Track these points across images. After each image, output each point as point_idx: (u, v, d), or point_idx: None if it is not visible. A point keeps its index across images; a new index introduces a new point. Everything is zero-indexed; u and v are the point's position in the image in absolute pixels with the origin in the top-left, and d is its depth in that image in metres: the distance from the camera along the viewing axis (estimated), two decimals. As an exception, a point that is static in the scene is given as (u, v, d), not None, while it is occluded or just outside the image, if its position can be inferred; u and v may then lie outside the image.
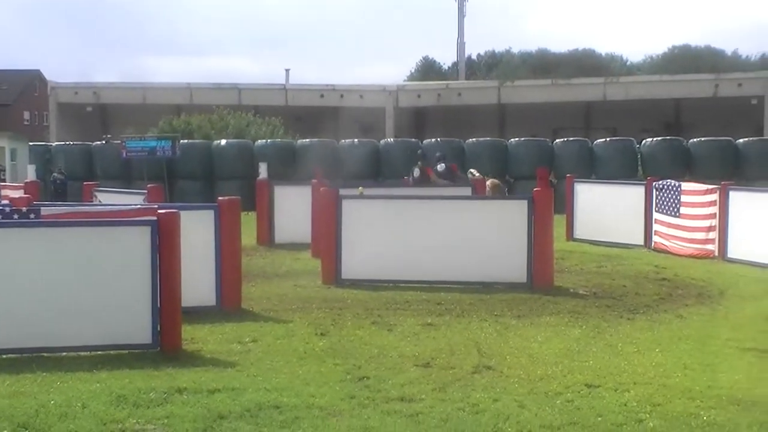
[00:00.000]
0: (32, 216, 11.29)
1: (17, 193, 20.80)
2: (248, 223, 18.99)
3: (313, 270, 16.89)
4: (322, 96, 55.39)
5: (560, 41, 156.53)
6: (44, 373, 9.12)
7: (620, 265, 18.45)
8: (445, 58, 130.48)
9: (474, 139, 37.37)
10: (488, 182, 24.19)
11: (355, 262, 15.55)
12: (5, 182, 31.73)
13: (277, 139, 41.18)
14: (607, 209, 22.47)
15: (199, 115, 47.01)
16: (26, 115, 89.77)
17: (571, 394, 8.48)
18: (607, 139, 37.46)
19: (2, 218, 11.14)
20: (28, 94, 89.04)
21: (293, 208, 22.18)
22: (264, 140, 39.55)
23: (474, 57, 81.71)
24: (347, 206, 15.77)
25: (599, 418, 7.72)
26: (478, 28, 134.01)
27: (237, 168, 35.94)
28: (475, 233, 15.47)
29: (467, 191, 21.38)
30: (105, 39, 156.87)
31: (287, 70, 65.96)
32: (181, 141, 36.45)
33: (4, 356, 9.87)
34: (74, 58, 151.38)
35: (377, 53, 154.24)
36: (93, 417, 7.65)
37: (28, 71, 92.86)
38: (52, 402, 8.05)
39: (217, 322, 12.01)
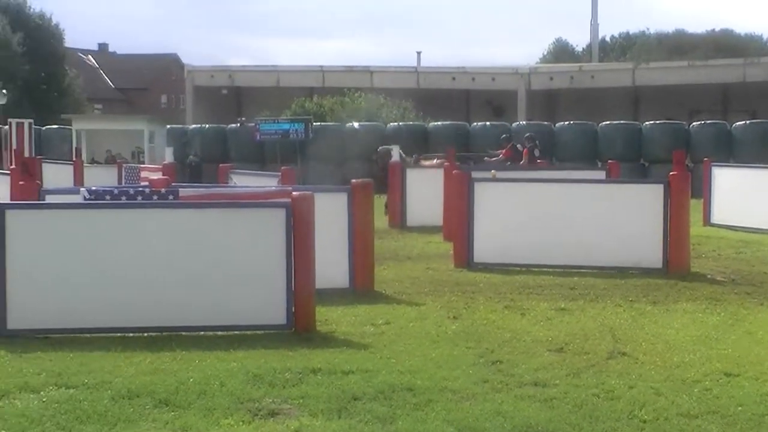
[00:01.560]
0: (170, 197, 11.53)
1: (156, 175, 21.25)
2: (380, 206, 19.08)
3: (445, 253, 16.90)
4: (453, 78, 55.26)
5: (697, 21, 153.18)
6: (183, 352, 9.31)
7: (760, 251, 17.97)
8: (579, 40, 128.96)
9: (607, 122, 36.86)
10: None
11: (488, 245, 15.48)
12: (144, 164, 32.49)
13: (408, 122, 41.26)
14: (746, 194, 21.90)
15: (331, 98, 47.39)
16: (163, 98, 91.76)
17: (709, 383, 8.29)
18: (747, 121, 36.52)
19: (142, 199, 11.40)
20: (165, 77, 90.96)
21: (425, 191, 22.20)
22: (396, 123, 39.67)
23: (608, 39, 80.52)
24: (480, 189, 15.70)
25: (739, 408, 7.53)
26: (612, 9, 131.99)
27: (369, 151, 36.14)
28: (610, 217, 15.25)
29: (601, 175, 21.08)
30: (239, 22, 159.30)
31: (419, 53, 66.42)
32: (314, 123, 36.82)
33: (145, 334, 10.12)
34: (209, 42, 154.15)
35: (509, 35, 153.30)
36: (230, 395, 7.78)
37: (165, 55, 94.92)
38: (191, 379, 8.21)
39: (349, 304, 12.09)
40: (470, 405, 7.58)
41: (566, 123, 37.43)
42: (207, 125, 40.92)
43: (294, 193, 10.87)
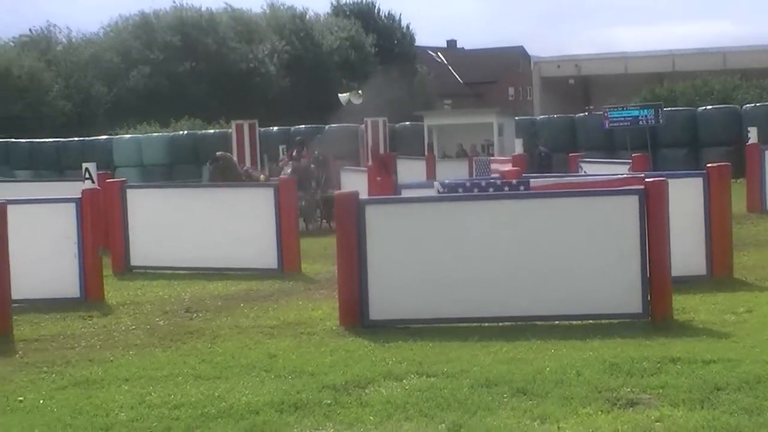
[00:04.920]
0: (522, 188, 11.61)
1: (506, 166, 21.47)
2: (737, 191, 18.33)
3: (811, 237, 16.07)
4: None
5: None
6: (538, 341, 9.35)
7: None
8: None
9: None
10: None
11: None
12: (494, 156, 32.87)
13: (766, 102, 39.45)
14: None
15: (682, 82, 46.13)
16: (510, 90, 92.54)
17: None
18: None
19: (494, 191, 11.55)
20: (512, 70, 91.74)
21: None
22: (752, 104, 38.07)
23: None
24: None
25: None
26: None
27: (723, 134, 34.85)
28: None
29: None
30: (583, 12, 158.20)
31: (775, 30, 63.16)
32: (664, 109, 35.96)
33: (500, 324, 10.24)
34: (554, 33, 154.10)
35: None
36: (587, 384, 7.72)
37: (511, 48, 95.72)
38: (547, 368, 8.22)
39: (707, 292, 11.71)
40: None
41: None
42: (555, 115, 40.90)
43: (647, 179, 10.66)
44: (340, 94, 40.93)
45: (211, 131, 43.69)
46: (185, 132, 44.44)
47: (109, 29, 67.13)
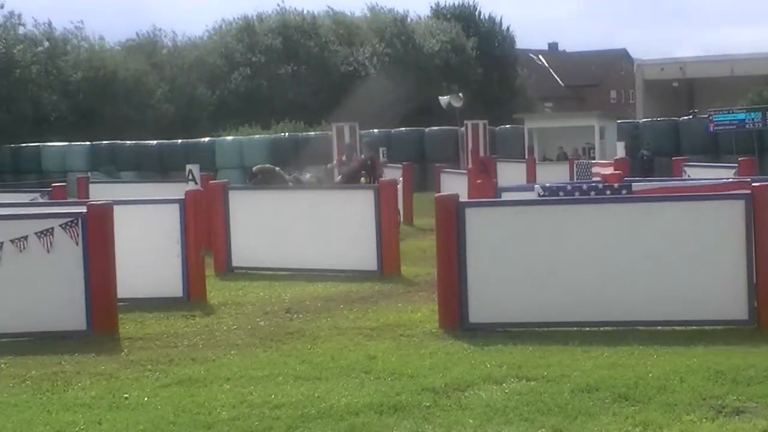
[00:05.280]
0: (624, 192, 11.47)
1: (608, 170, 21.22)
2: None
3: None
4: None
5: None
6: (640, 346, 9.21)
7: None
8: None
9: None
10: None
11: None
12: (595, 160, 32.56)
13: None
14: None
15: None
16: (612, 93, 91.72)
17: None
18: None
19: (595, 194, 11.43)
20: (614, 73, 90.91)
21: None
22: None
23: None
24: None
25: None
26: None
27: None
28: None
29: None
30: (686, 13, 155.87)
31: None
32: (773, 112, 35.27)
33: (601, 328, 10.12)
34: (657, 35, 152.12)
35: None
36: (691, 391, 7.60)
37: (614, 51, 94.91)
38: (650, 374, 8.11)
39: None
40: None
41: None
42: (658, 118, 40.38)
43: (754, 183, 10.44)
44: (440, 97, 40.88)
45: (312, 133, 43.99)
46: (286, 134, 44.79)
47: (213, 32, 68.07)
